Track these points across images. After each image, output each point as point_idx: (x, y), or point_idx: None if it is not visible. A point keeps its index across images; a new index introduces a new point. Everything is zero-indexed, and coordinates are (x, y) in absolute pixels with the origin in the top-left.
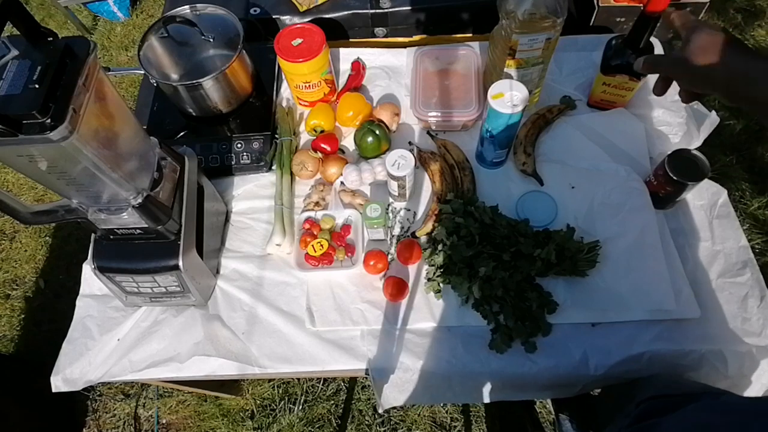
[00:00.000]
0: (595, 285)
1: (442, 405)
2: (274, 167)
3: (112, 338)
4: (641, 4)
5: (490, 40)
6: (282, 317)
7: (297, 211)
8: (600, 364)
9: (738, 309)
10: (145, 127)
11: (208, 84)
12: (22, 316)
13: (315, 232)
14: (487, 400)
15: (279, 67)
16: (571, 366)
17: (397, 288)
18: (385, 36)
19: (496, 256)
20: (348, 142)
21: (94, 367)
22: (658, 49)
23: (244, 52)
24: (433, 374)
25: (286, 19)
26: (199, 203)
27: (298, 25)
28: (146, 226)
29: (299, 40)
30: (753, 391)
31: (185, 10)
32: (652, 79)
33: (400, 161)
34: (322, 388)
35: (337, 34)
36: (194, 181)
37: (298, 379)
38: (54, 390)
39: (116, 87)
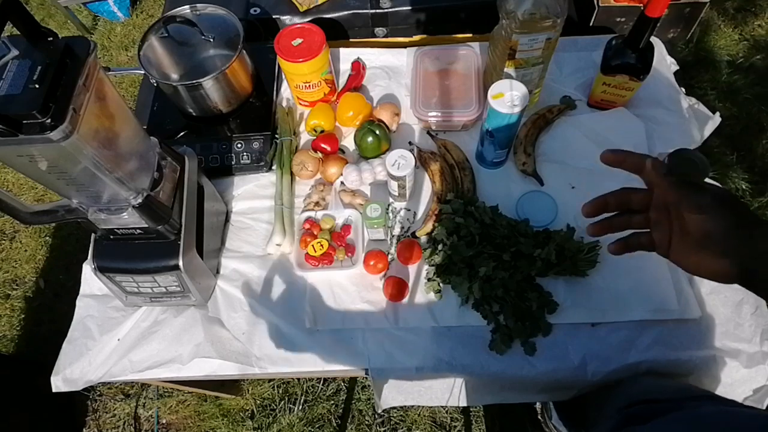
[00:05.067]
0: (596, 285)
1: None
2: (274, 167)
3: (113, 338)
4: (641, 4)
5: (490, 40)
6: (282, 317)
7: (297, 211)
8: (597, 370)
9: (732, 313)
10: (145, 127)
11: (208, 84)
12: (22, 316)
13: (315, 232)
14: (485, 402)
15: (279, 67)
16: (569, 370)
17: (397, 288)
18: (385, 36)
19: (496, 256)
20: (348, 142)
21: (94, 367)
22: (659, 49)
23: (244, 52)
24: (432, 376)
25: (286, 19)
26: (199, 203)
27: (298, 25)
28: (146, 226)
29: (299, 40)
30: (736, 395)
31: (185, 10)
32: (652, 79)
33: (400, 161)
34: (322, 388)
35: (337, 34)
36: (194, 181)
37: (298, 379)
38: (54, 390)
39: (116, 87)
